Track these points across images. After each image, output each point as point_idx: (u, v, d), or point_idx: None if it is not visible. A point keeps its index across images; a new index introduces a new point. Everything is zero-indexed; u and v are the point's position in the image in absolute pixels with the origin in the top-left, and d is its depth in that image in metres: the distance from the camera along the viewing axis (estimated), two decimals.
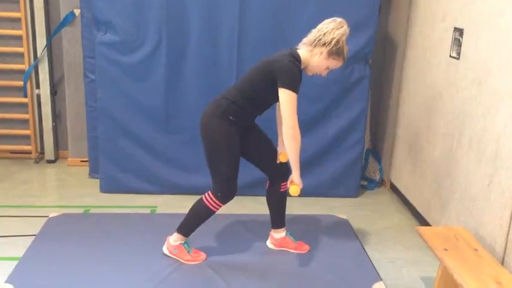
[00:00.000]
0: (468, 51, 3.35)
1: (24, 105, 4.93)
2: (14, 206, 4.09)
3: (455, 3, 3.54)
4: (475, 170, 3.21)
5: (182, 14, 4.06)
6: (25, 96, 4.85)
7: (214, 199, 3.12)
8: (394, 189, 4.64)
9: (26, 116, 4.96)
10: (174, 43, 4.12)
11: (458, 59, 3.46)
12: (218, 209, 3.17)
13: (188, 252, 3.28)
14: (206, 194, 3.16)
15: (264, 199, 3.45)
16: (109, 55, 4.14)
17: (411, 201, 4.23)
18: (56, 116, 5.07)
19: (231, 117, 3.04)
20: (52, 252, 3.32)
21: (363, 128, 4.42)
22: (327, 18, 3.02)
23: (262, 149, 3.31)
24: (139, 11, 4.05)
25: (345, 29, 2.96)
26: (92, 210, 4.07)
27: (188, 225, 3.25)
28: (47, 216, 3.79)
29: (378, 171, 4.82)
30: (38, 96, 4.92)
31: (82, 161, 4.94)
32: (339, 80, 4.21)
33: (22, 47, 4.78)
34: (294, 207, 4.10)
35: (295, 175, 3.03)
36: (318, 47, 2.97)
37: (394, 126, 4.63)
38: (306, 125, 4.29)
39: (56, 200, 4.29)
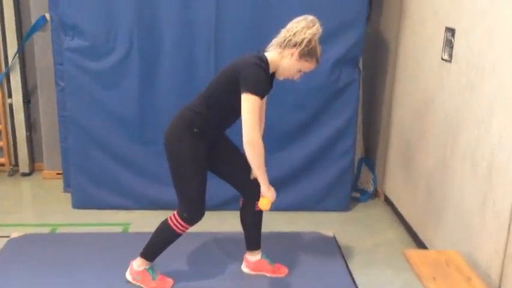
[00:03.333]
0: (460, 53, 3.02)
1: None
2: None
3: (447, 1, 3.21)
4: (469, 184, 2.88)
5: (154, 15, 3.79)
6: None
7: (179, 220, 2.85)
8: (388, 202, 4.29)
9: None
10: (147, 47, 3.85)
11: (450, 61, 3.13)
12: (184, 231, 2.89)
13: (153, 279, 2.98)
14: (172, 215, 2.89)
15: None
16: (78, 61, 3.87)
17: (404, 216, 3.89)
18: (31, 126, 4.80)
19: (195, 130, 2.77)
20: (9, 277, 3.06)
21: (353, 136, 4.08)
22: (311, 16, 2.71)
23: (234, 164, 3.01)
24: (108, 14, 3.78)
25: (317, 27, 2.66)
26: (61, 229, 3.79)
27: (152, 249, 2.96)
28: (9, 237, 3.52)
29: (371, 182, 4.48)
30: (11, 105, 4.66)
31: (58, 174, 4.65)
32: (325, 85, 3.89)
33: None
34: (277, 223, 3.79)
35: (263, 187, 2.75)
36: (288, 48, 2.68)
37: (387, 133, 4.28)
38: (291, 134, 4.01)
39: (24, 218, 4.01)
